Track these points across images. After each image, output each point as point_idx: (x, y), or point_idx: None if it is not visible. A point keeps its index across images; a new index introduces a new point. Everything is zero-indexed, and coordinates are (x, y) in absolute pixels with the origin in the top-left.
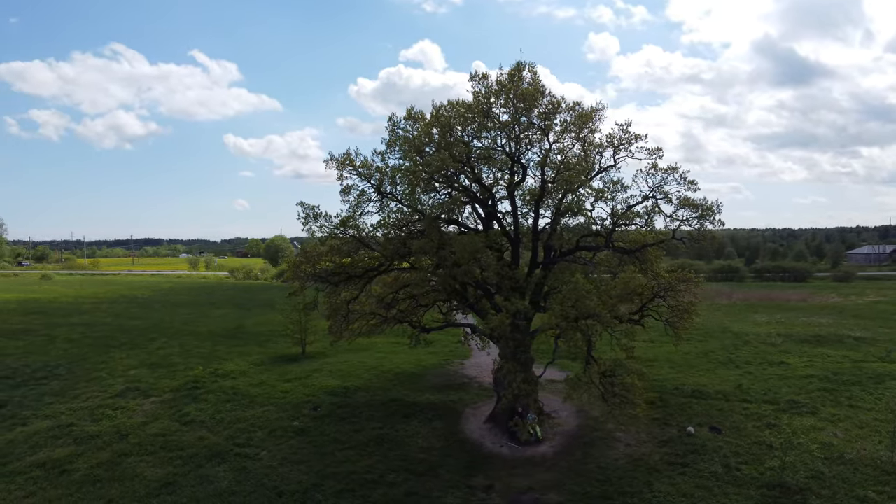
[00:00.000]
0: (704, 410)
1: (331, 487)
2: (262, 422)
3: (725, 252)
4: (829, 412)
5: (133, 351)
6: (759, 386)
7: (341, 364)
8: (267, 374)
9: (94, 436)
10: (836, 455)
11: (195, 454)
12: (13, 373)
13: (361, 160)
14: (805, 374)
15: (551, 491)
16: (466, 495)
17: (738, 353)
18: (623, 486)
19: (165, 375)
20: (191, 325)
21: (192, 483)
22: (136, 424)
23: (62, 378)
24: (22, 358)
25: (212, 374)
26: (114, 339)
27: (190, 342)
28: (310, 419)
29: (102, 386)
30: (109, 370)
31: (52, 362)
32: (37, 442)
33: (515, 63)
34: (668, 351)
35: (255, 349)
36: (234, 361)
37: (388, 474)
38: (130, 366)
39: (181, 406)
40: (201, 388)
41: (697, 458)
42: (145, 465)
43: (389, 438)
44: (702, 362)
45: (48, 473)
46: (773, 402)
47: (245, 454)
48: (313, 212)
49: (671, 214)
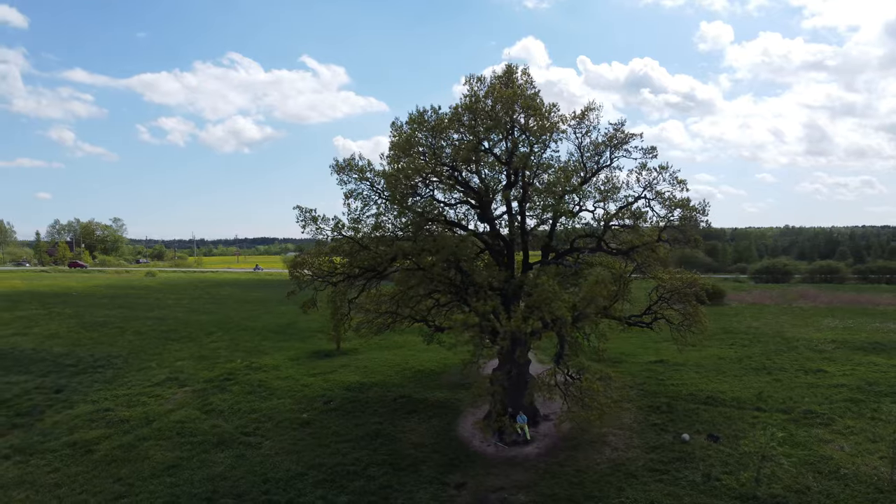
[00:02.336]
0: (710, 418)
1: (313, 477)
2: (274, 413)
3: (837, 251)
4: (844, 424)
5: (188, 344)
6: (781, 394)
7: (368, 361)
8: (297, 368)
9: (124, 420)
10: (832, 469)
11: (204, 441)
12: (78, 361)
13: (363, 164)
14: (836, 384)
15: (521, 491)
16: (437, 491)
17: (777, 360)
18: (593, 491)
19: (206, 367)
20: (250, 320)
21: (193, 466)
22: (162, 411)
23: (117, 367)
24: (92, 348)
25: (247, 367)
26: (176, 333)
27: (241, 337)
28: (318, 412)
29: (148, 375)
30: (159, 361)
31: (114, 353)
32: (75, 424)
33: (506, 65)
34: (702, 355)
35: (297, 344)
36: (272, 356)
37: (371, 467)
38: (179, 357)
39: (208, 396)
40: (232, 380)
41: (681, 466)
42: (159, 449)
43: (385, 433)
44: (733, 368)
45: (75, 452)
46: (787, 411)
47: (249, 443)
48: (310, 215)
49: (659, 214)
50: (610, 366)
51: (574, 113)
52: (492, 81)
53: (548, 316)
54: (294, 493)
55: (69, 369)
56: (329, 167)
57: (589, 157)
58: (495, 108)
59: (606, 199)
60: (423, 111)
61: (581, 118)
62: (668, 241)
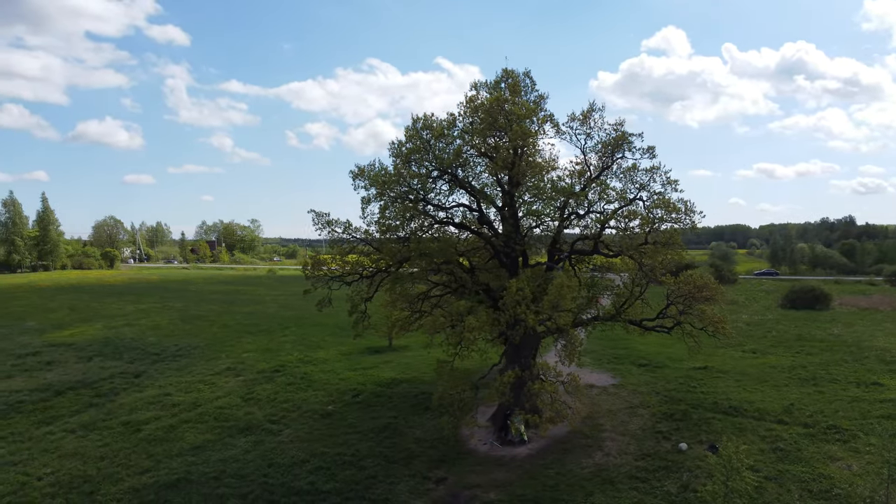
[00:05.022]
0: (722, 428)
1: (312, 464)
2: (303, 404)
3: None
4: (867, 442)
5: (261, 337)
6: (813, 407)
7: (411, 358)
8: (343, 362)
9: (176, 404)
10: (823, 489)
11: (233, 426)
12: (162, 350)
13: (377, 169)
14: (884, 399)
15: (494, 490)
16: (418, 484)
17: (833, 370)
18: (562, 494)
19: (264, 359)
20: (327, 316)
21: (215, 448)
22: (210, 398)
23: (191, 357)
24: (180, 339)
25: (299, 360)
26: (256, 327)
27: (311, 332)
28: (343, 405)
29: (213, 365)
30: (229, 352)
31: (196, 343)
32: (136, 405)
33: (502, 70)
34: (753, 363)
35: (352, 340)
36: (327, 350)
37: (367, 459)
38: (247, 349)
39: (254, 386)
40: (280, 372)
41: (664, 475)
42: (193, 432)
43: (393, 428)
44: (779, 377)
45: (126, 430)
46: (810, 425)
47: (271, 430)
48: (324, 219)
49: (650, 216)
50: (649, 371)
51: (573, 115)
52: (491, 87)
53: (509, 318)
54: (290, 477)
55: (153, 357)
56: (349, 173)
57: (592, 158)
58: (490, 112)
59: (602, 198)
60: (429, 116)
61: (584, 119)
62: (654, 243)
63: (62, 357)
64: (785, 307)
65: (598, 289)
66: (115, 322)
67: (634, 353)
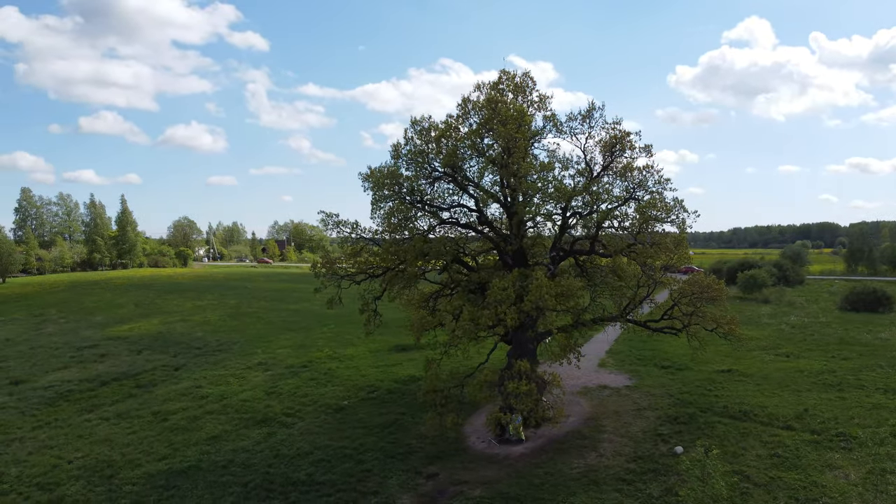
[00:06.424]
0: (724, 433)
1: (315, 456)
2: (321, 398)
3: None
4: (873, 451)
5: (298, 333)
6: (829, 413)
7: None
8: (369, 359)
9: (204, 396)
10: (810, 497)
11: (251, 418)
12: (204, 345)
13: (386, 171)
14: None
15: (480, 487)
16: (409, 479)
17: (864, 375)
18: (543, 494)
19: (295, 355)
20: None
21: (230, 439)
22: (236, 391)
23: (230, 352)
24: (223, 335)
25: (327, 357)
26: (296, 324)
27: (346, 329)
28: (358, 401)
29: (246, 360)
30: (265, 348)
31: (237, 339)
32: (169, 396)
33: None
34: (782, 367)
35: (384, 338)
36: (357, 347)
37: (367, 453)
38: (282, 345)
39: (279, 380)
40: (307, 368)
41: (651, 478)
42: (213, 423)
43: (400, 423)
44: (803, 382)
45: (155, 419)
46: (819, 431)
47: (285, 423)
48: (333, 220)
49: (642, 215)
50: (670, 373)
51: (571, 114)
52: (491, 87)
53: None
54: (291, 468)
55: (195, 351)
56: (358, 175)
57: (593, 157)
58: (489, 113)
59: (599, 198)
60: (426, 117)
61: (585, 118)
62: (643, 243)
63: (116, 350)
64: (844, 309)
65: (602, 289)
66: (171, 318)
67: (660, 355)
